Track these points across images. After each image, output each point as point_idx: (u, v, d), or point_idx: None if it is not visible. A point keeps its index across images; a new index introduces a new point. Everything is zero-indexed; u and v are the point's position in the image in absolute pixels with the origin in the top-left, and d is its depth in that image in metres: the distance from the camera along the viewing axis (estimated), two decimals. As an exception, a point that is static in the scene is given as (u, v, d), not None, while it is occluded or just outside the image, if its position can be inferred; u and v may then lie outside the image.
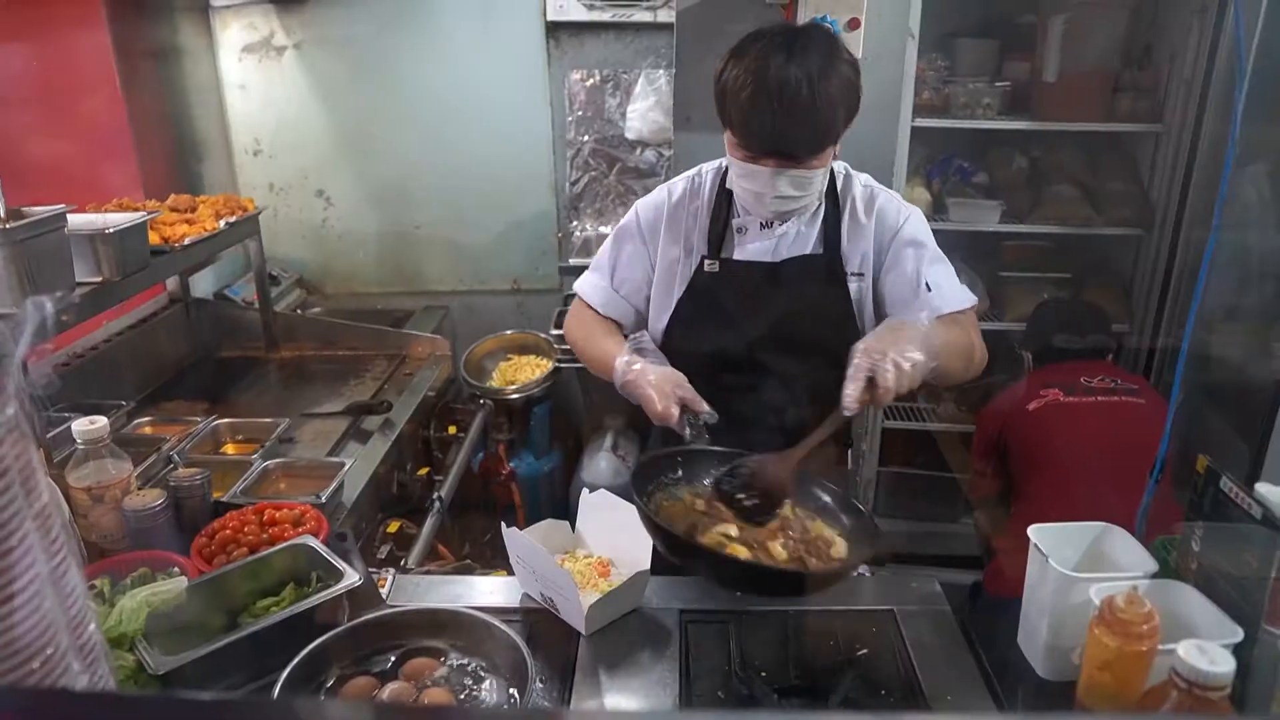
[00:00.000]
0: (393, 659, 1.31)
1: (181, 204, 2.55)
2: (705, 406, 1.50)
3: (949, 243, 3.17)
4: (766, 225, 1.66)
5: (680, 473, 1.54)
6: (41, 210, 1.74)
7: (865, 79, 2.63)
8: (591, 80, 3.28)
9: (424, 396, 2.59)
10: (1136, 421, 2.32)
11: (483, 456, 2.99)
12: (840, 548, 1.42)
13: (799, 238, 1.66)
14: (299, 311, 3.27)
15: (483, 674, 1.29)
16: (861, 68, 2.59)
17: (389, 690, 1.24)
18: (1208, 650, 0.99)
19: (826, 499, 1.51)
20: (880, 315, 1.68)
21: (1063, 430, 2.33)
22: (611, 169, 3.42)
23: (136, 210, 2.27)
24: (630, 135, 3.34)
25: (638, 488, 1.42)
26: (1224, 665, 0.97)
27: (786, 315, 1.65)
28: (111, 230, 1.93)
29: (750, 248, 1.67)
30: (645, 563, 1.49)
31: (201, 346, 2.90)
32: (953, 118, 3.00)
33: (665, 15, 3.09)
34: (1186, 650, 0.99)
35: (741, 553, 1.35)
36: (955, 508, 3.29)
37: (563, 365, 3.17)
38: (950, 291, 1.64)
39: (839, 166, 1.72)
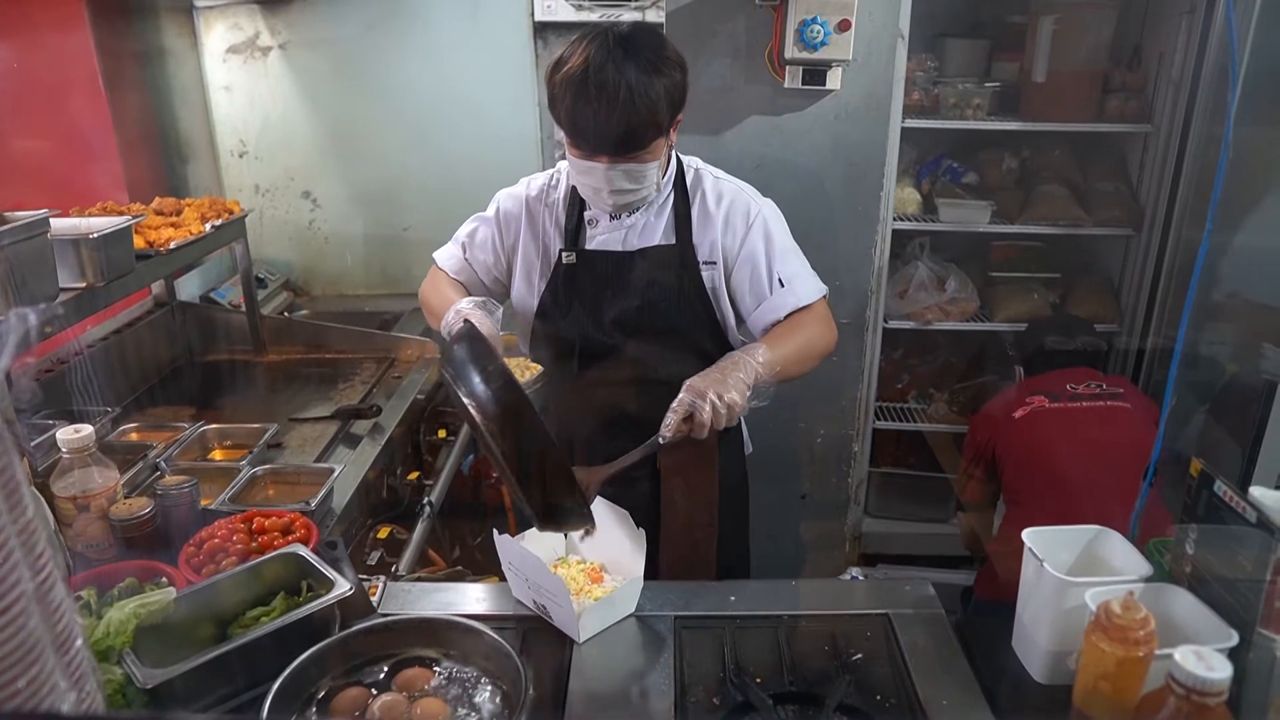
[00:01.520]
0: (385, 669, 1.30)
1: (166, 207, 2.52)
2: None
3: (940, 243, 3.22)
4: (615, 216, 1.74)
5: None
6: (24, 215, 1.72)
7: (856, 80, 2.67)
8: (580, 81, 3.27)
9: (413, 400, 2.57)
10: (1122, 425, 2.33)
11: (473, 460, 2.97)
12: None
13: (647, 228, 1.75)
14: (286, 314, 3.24)
15: (476, 683, 1.28)
16: (852, 69, 2.63)
17: (381, 702, 1.23)
18: (1205, 656, 0.99)
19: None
20: (733, 307, 1.76)
21: (1049, 435, 2.34)
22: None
23: (121, 214, 2.24)
24: (618, 136, 3.32)
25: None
26: (1221, 671, 0.97)
27: (644, 303, 1.75)
28: (95, 235, 1.91)
29: (601, 239, 1.76)
30: (639, 569, 1.49)
31: (188, 351, 2.87)
32: (942, 118, 3.00)
33: (655, 15, 3.08)
34: (1184, 656, 0.99)
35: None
36: (947, 508, 3.29)
37: (553, 367, 3.15)
38: (802, 287, 1.72)
39: (690, 162, 1.80)
